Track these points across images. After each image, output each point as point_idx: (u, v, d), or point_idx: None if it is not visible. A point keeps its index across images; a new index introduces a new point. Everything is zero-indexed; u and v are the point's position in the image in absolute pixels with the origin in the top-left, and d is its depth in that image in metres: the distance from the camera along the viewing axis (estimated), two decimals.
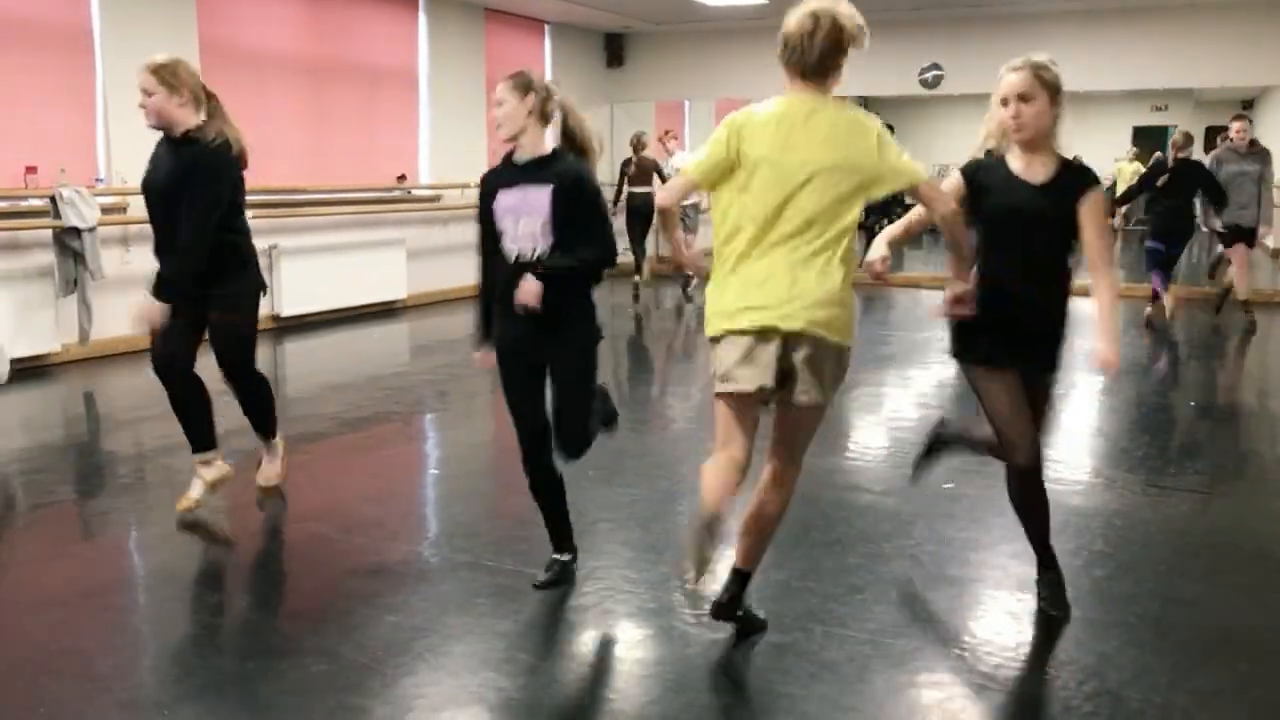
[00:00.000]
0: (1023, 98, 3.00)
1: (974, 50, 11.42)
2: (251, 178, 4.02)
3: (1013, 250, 3.10)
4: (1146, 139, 20.76)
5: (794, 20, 2.79)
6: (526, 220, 3.18)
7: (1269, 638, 3.19)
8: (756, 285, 2.75)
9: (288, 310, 8.80)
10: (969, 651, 3.07)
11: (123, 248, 7.62)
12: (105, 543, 3.88)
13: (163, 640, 3.16)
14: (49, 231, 6.95)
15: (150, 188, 3.91)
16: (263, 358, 7.02)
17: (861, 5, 2.80)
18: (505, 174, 3.28)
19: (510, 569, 3.63)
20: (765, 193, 2.74)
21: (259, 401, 4.26)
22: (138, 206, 7.67)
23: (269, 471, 4.38)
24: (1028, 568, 3.59)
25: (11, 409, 5.79)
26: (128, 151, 7.63)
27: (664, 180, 11.97)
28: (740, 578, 3.02)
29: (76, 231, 6.92)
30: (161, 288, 3.78)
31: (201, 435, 4.10)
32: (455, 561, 3.63)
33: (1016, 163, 3.11)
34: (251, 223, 4.04)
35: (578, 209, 3.20)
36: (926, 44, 11.95)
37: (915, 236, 3.22)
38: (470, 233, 3.46)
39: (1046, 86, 3.01)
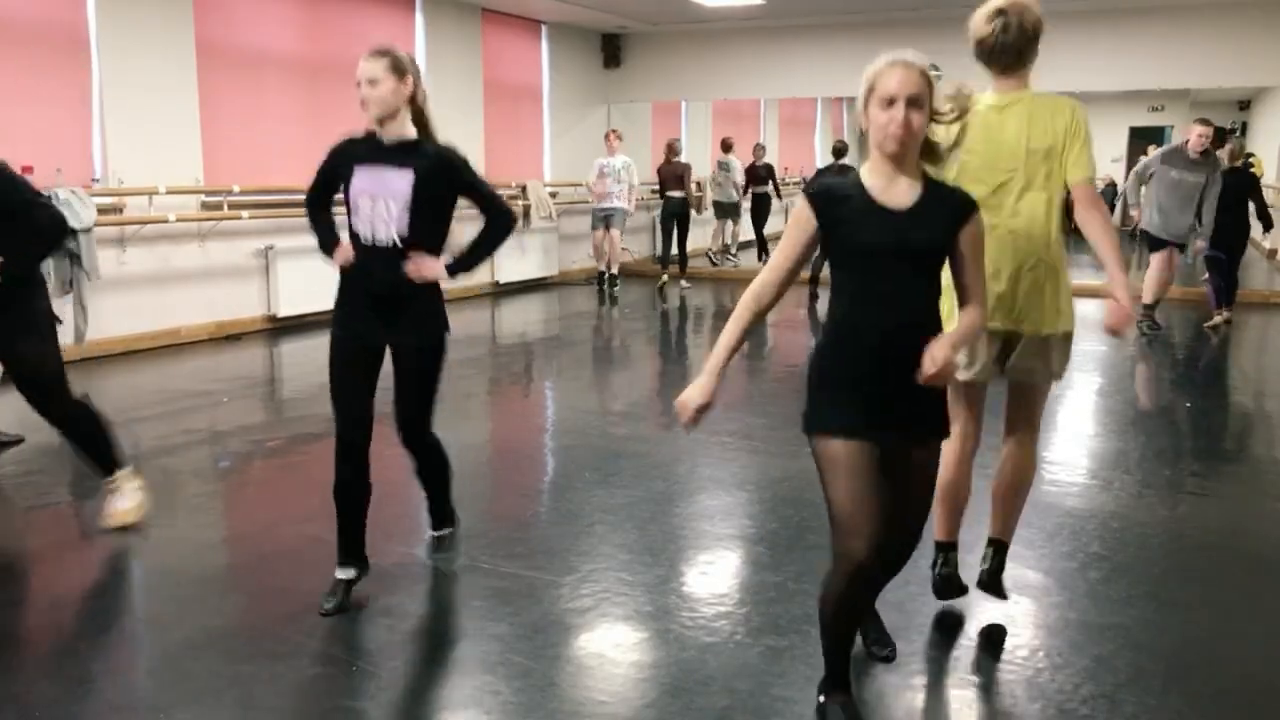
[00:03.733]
0: (914, 101, 2.40)
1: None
2: (249, 177, 4.00)
3: (872, 291, 2.47)
4: (1143, 140, 20.81)
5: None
6: (382, 203, 3.18)
7: (1266, 640, 3.20)
8: None
9: (284, 310, 8.77)
10: (965, 654, 3.08)
11: (119, 248, 7.62)
12: (101, 544, 3.87)
13: (158, 642, 3.16)
14: None
15: None
16: (260, 358, 6.97)
17: (861, 5, 2.80)
18: (364, 151, 3.25)
19: (506, 571, 3.63)
20: None
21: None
22: (135, 207, 7.76)
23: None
24: (1023, 569, 3.60)
25: (8, 410, 5.78)
26: (124, 151, 7.63)
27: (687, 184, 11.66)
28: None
29: (73, 232, 6.89)
30: None
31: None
32: (451, 563, 3.63)
33: (875, 180, 2.48)
34: (250, 222, 3.99)
35: (453, 190, 3.29)
36: (925, 44, 11.72)
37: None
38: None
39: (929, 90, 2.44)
